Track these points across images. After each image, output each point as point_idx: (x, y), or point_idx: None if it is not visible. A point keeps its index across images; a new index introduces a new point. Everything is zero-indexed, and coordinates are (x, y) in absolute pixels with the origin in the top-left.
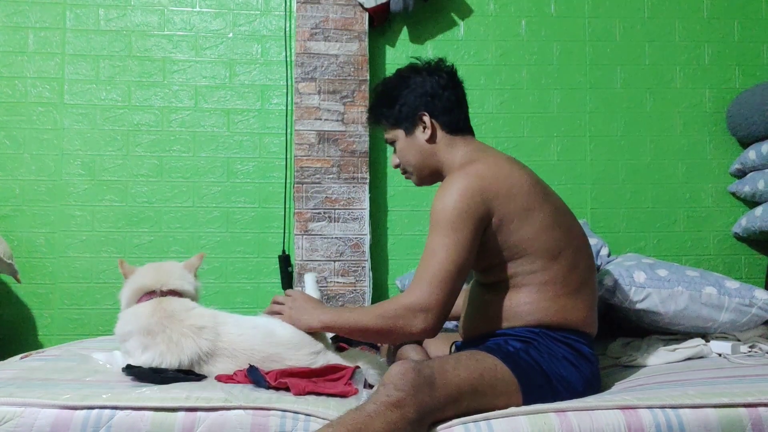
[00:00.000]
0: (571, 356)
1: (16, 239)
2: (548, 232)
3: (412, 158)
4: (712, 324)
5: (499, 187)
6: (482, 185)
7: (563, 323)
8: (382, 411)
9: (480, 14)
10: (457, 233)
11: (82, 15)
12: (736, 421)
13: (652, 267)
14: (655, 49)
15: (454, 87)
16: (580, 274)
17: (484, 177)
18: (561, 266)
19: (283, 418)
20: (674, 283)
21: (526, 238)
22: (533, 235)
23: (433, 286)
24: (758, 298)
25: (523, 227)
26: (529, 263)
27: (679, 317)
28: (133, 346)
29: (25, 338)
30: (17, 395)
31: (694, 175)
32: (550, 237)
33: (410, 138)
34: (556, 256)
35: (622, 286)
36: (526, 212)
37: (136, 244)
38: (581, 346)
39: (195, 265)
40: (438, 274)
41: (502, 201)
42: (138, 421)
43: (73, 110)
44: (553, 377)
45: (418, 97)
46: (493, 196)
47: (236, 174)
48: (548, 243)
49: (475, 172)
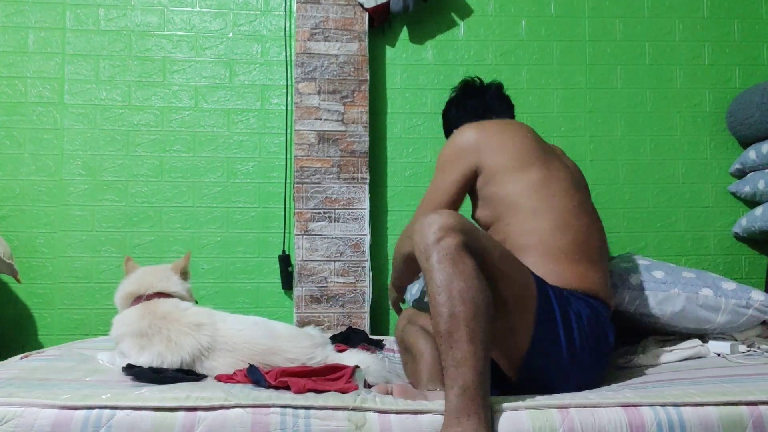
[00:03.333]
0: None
1: (16, 239)
2: (536, 192)
3: None
4: (709, 326)
5: (491, 139)
6: (474, 137)
7: (576, 286)
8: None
9: (480, 14)
10: (444, 174)
11: (82, 15)
12: (737, 419)
13: (648, 269)
14: (655, 49)
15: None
16: (576, 243)
17: (477, 131)
18: (551, 228)
19: (283, 416)
20: (670, 285)
21: (515, 193)
22: (522, 191)
23: (422, 210)
24: (755, 299)
25: (511, 183)
26: (522, 220)
27: (677, 319)
28: (128, 347)
29: (25, 338)
30: (17, 395)
31: (694, 175)
32: (536, 197)
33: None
34: (545, 217)
35: (619, 288)
36: (515, 169)
37: (136, 244)
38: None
39: (181, 266)
40: (427, 204)
41: (491, 153)
42: (138, 421)
43: (73, 110)
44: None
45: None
46: (483, 147)
47: (236, 174)
48: (534, 203)
49: (470, 127)
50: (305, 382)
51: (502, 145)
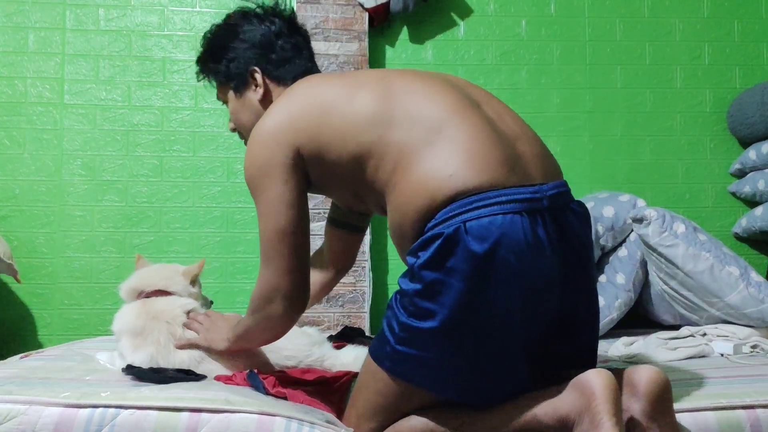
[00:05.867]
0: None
1: (16, 239)
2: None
3: (247, 121)
4: (717, 301)
5: (300, 115)
6: (281, 125)
7: (424, 209)
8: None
9: (480, 14)
10: (265, 193)
11: (82, 15)
12: (734, 423)
13: (696, 230)
14: (655, 49)
15: (291, 34)
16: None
17: (284, 115)
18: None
19: (288, 423)
20: (706, 248)
21: (342, 148)
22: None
23: (270, 264)
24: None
25: (333, 146)
26: (370, 162)
27: (692, 277)
28: (124, 346)
29: (25, 338)
30: (18, 393)
31: (694, 175)
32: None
33: (241, 99)
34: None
35: (659, 225)
36: (327, 134)
37: (136, 244)
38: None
39: (193, 272)
40: (267, 250)
41: (305, 133)
42: (142, 421)
43: (73, 110)
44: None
45: (247, 49)
46: (295, 131)
47: (236, 174)
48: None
49: (275, 113)
50: (302, 398)
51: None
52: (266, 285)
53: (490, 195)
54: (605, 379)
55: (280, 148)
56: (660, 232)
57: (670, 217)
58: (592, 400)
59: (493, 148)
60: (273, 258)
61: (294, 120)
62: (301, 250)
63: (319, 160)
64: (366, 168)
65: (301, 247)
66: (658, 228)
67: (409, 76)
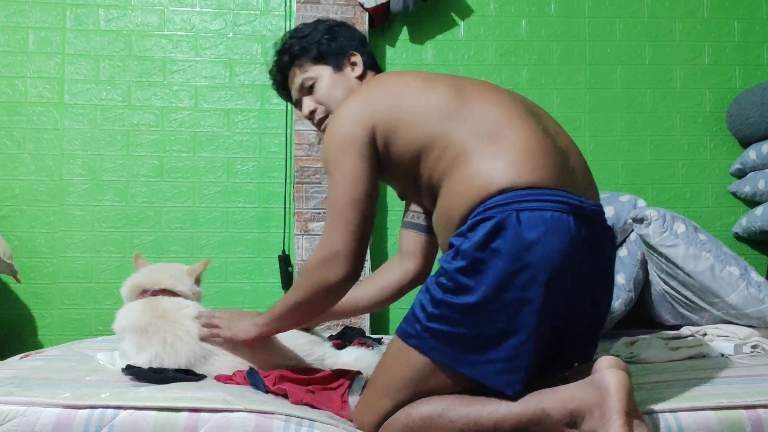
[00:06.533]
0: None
1: (16, 239)
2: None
3: (340, 95)
4: (717, 301)
5: (381, 102)
6: (361, 114)
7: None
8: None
9: (480, 14)
10: (343, 164)
11: (82, 15)
12: (736, 422)
13: (697, 230)
14: (655, 49)
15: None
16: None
17: (365, 97)
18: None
19: (287, 422)
20: (706, 248)
21: (411, 137)
22: (412, 128)
23: (335, 230)
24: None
25: (402, 132)
26: (432, 154)
27: (693, 277)
28: (128, 347)
29: (25, 338)
30: (18, 394)
31: (694, 175)
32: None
33: (339, 73)
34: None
35: (659, 225)
36: (402, 117)
37: (136, 244)
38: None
39: (198, 271)
40: (336, 216)
41: (383, 115)
42: (141, 421)
43: (73, 110)
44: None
45: (350, 38)
46: (373, 114)
47: (236, 174)
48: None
49: (352, 108)
50: (303, 395)
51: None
52: (329, 249)
53: (542, 192)
54: (621, 378)
55: (361, 125)
56: (660, 232)
57: (671, 217)
58: (606, 397)
59: (549, 154)
60: (341, 224)
61: (373, 102)
62: (369, 220)
63: (389, 142)
64: (429, 156)
65: (370, 217)
66: (659, 228)
67: (482, 84)
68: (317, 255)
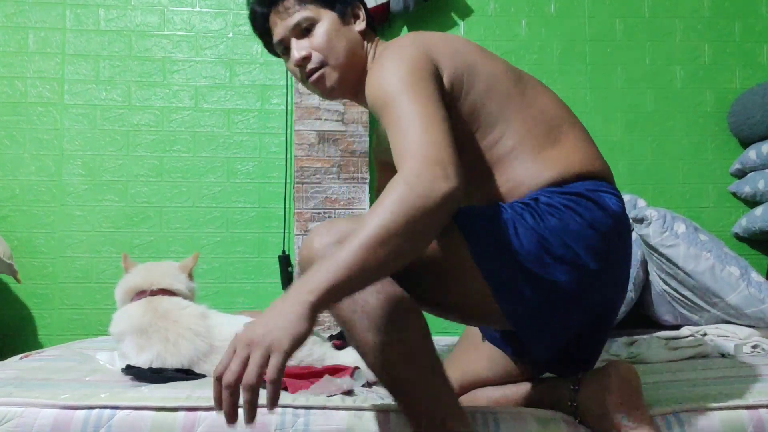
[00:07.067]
0: (573, 202)
1: (16, 239)
2: (497, 87)
3: (341, 47)
4: (717, 301)
5: (441, 45)
6: (423, 47)
7: (557, 178)
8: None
9: (480, 14)
10: (420, 91)
11: (82, 15)
12: (737, 423)
13: (697, 230)
14: (655, 49)
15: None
16: (548, 121)
17: (422, 42)
18: (520, 121)
19: (282, 415)
20: (707, 248)
21: (479, 101)
22: (483, 93)
23: (431, 136)
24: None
25: (474, 87)
26: (490, 132)
27: (693, 277)
28: (129, 348)
29: (25, 338)
30: (17, 395)
31: (694, 175)
32: (498, 93)
33: (344, 24)
34: (512, 112)
35: (659, 225)
36: (471, 68)
37: (136, 244)
38: (589, 188)
39: (189, 266)
40: (427, 127)
41: (447, 58)
42: (139, 421)
43: (73, 110)
44: (538, 230)
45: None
46: (436, 54)
47: (236, 174)
48: (499, 99)
49: (409, 41)
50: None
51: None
52: (434, 153)
53: (611, 185)
54: (626, 371)
55: (427, 59)
56: (661, 232)
57: (671, 217)
58: (606, 391)
59: (599, 153)
60: (437, 132)
61: (433, 47)
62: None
63: (455, 103)
64: (490, 133)
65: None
66: (659, 228)
67: (529, 75)
68: (409, 168)
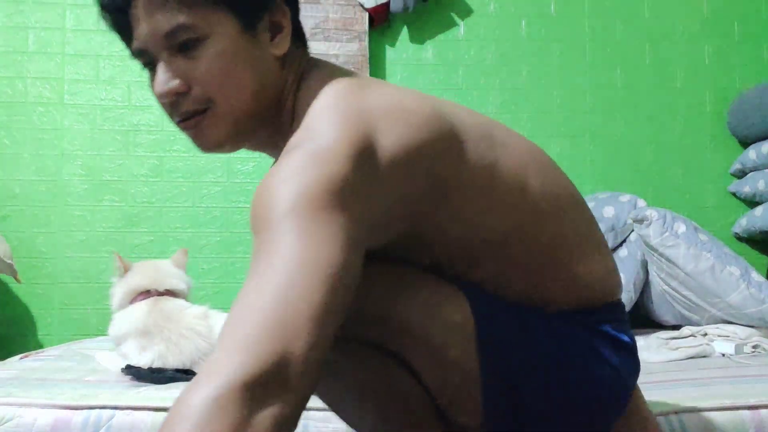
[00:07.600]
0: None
1: (16, 239)
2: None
3: (241, 76)
4: (718, 301)
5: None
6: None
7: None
8: None
9: (480, 14)
10: (319, 229)
11: (82, 15)
12: (739, 423)
13: (696, 230)
14: (655, 49)
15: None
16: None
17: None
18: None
19: None
20: (707, 248)
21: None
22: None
23: (283, 314)
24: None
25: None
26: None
27: (693, 277)
28: (130, 348)
29: (25, 338)
30: (16, 395)
31: (694, 175)
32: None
33: (247, 38)
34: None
35: (660, 225)
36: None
37: (136, 244)
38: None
39: (182, 262)
40: (289, 297)
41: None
42: (138, 422)
43: (73, 110)
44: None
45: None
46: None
47: (236, 174)
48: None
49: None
50: None
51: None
52: (267, 359)
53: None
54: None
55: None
56: (661, 232)
57: (671, 217)
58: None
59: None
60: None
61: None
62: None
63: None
64: (514, 246)
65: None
66: (659, 228)
67: (500, 125)
68: (240, 354)
